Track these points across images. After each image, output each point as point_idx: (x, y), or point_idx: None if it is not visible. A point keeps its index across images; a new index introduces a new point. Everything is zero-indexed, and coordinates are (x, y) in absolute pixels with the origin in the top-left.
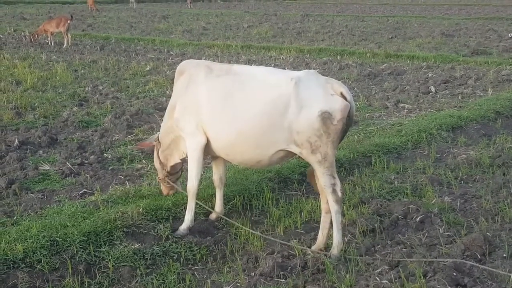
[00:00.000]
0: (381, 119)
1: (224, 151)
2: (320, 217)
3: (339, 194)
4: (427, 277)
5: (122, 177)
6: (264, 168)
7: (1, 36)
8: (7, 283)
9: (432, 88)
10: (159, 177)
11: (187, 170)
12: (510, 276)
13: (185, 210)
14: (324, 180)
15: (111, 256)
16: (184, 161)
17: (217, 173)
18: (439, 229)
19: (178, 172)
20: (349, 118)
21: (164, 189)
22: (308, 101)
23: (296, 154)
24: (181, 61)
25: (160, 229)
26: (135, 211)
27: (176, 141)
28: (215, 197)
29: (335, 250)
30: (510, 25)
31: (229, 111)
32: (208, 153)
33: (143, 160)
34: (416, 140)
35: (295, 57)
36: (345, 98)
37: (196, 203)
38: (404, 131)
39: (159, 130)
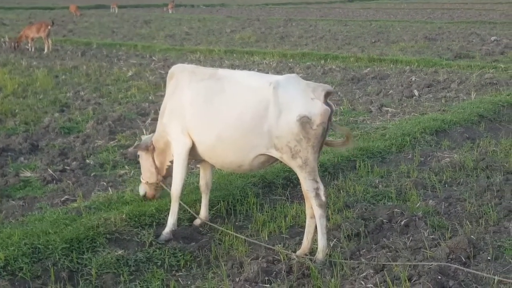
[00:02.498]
0: (365, 123)
1: (207, 154)
2: (305, 221)
3: (323, 198)
4: (412, 281)
5: (105, 183)
6: (246, 172)
7: None
8: None
9: (416, 92)
10: (148, 182)
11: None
12: (494, 279)
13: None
14: (306, 185)
15: (94, 263)
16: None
17: (203, 178)
18: (423, 233)
19: (170, 175)
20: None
21: (150, 193)
22: (287, 106)
23: (278, 159)
24: (164, 66)
25: (144, 235)
26: (118, 218)
27: (168, 144)
28: (199, 202)
29: (320, 255)
30: (492, 29)
31: (210, 115)
32: (193, 156)
33: (126, 166)
34: (400, 144)
35: (279, 62)
36: (330, 95)
37: (182, 208)
38: (388, 135)
39: (141, 135)
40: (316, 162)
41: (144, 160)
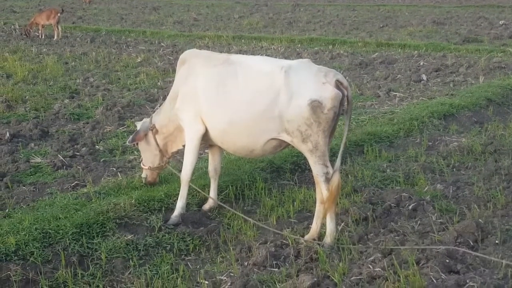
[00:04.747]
0: (373, 108)
1: (220, 139)
2: (313, 206)
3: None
4: (420, 265)
5: (114, 169)
6: (259, 157)
7: None
8: None
9: (424, 76)
10: (151, 166)
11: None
12: (502, 262)
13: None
14: (316, 169)
15: (104, 247)
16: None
17: (212, 164)
18: (431, 217)
19: (173, 155)
20: (348, 103)
21: (151, 177)
22: (298, 90)
23: (289, 143)
24: (172, 52)
25: (153, 220)
26: (127, 203)
27: (180, 129)
28: (208, 187)
29: (328, 239)
30: (501, 13)
31: (223, 100)
32: (206, 141)
33: (135, 152)
34: (408, 128)
35: (286, 47)
36: (342, 85)
37: (190, 192)
38: (396, 120)
39: (136, 122)
40: (327, 147)
41: (145, 144)
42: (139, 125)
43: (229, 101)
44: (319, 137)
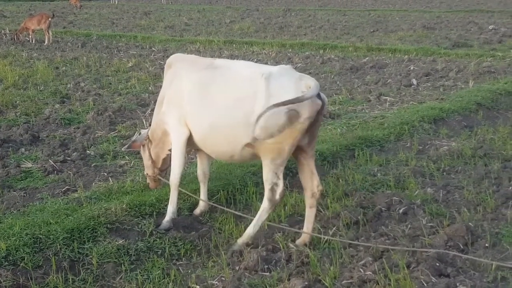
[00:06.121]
0: (363, 112)
1: (202, 143)
2: (304, 210)
3: (277, 196)
4: (411, 268)
5: (105, 174)
6: (240, 163)
7: None
8: None
9: (414, 81)
10: (147, 174)
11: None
12: (492, 265)
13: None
14: (267, 175)
15: (95, 252)
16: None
17: (200, 168)
18: (422, 220)
19: (168, 166)
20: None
21: (152, 184)
22: (276, 97)
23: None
24: (163, 57)
25: (144, 224)
26: (118, 207)
27: (166, 133)
28: (199, 192)
29: (239, 240)
30: (490, 18)
31: (204, 104)
32: (191, 146)
33: (126, 157)
34: (398, 133)
35: (277, 52)
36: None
37: (182, 197)
38: (387, 124)
39: (141, 127)
40: (287, 157)
41: (143, 153)
42: (143, 132)
43: (210, 105)
44: (286, 146)
